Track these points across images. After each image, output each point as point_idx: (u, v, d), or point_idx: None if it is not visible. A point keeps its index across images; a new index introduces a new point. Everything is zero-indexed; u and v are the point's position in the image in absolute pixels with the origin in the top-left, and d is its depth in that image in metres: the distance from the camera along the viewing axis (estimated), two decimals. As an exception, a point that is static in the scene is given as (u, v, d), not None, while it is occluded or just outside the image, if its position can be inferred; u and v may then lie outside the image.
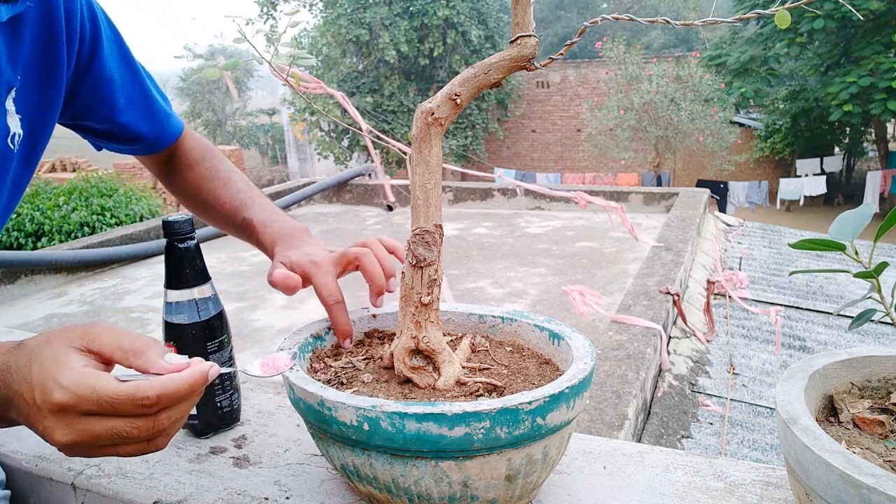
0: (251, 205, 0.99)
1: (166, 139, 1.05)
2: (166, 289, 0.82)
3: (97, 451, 0.57)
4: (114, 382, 0.55)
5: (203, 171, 1.05)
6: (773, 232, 5.61)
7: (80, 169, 12.07)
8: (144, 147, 1.04)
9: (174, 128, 1.06)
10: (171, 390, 0.56)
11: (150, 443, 0.58)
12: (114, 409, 0.55)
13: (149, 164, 1.12)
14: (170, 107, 1.06)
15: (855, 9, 6.61)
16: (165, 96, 1.07)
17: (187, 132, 1.10)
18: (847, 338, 3.35)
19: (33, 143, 0.85)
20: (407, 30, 16.01)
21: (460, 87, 0.69)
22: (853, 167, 17.92)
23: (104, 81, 0.92)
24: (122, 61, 0.96)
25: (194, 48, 23.63)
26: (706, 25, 0.64)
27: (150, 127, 1.01)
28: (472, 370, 0.74)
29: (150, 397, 0.55)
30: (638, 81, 13.81)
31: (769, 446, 2.36)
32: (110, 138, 1.00)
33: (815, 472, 0.53)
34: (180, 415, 0.58)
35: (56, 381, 0.55)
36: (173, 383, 0.56)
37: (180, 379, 0.57)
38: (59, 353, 0.57)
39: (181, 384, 0.56)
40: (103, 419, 0.55)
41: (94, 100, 0.93)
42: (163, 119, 1.03)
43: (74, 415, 0.55)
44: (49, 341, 0.58)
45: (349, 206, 6.73)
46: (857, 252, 0.61)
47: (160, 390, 0.55)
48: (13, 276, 4.21)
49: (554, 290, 3.83)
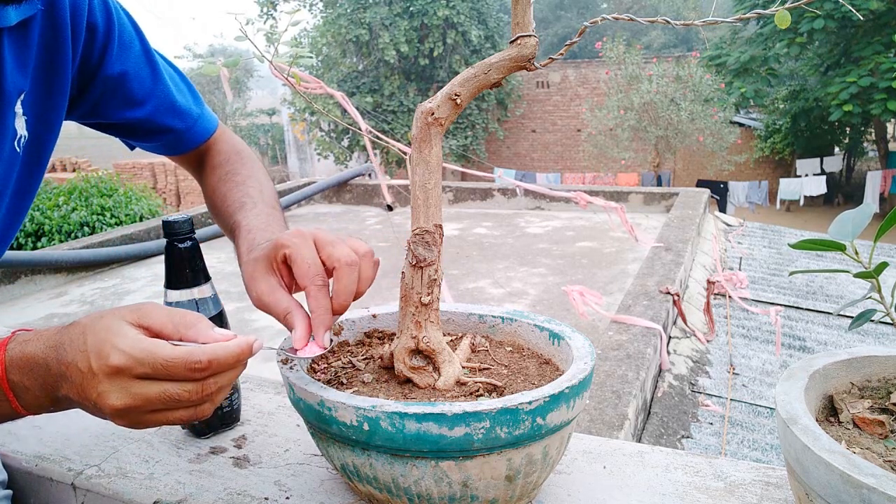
0: (250, 209, 0.88)
1: (192, 138, 1.01)
2: (166, 289, 0.82)
3: (148, 417, 0.60)
4: (168, 346, 0.58)
5: (222, 174, 1.00)
6: (773, 232, 5.61)
7: (80, 169, 12.07)
8: (167, 146, 1.01)
9: (201, 128, 1.02)
10: (220, 356, 0.59)
11: (197, 408, 0.61)
12: (168, 373, 0.57)
13: (184, 165, 1.08)
14: (200, 106, 1.03)
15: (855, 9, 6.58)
16: (197, 96, 1.03)
17: (222, 135, 1.06)
18: (847, 338, 3.35)
19: (38, 145, 0.84)
20: (407, 30, 16.01)
21: (460, 87, 0.69)
22: (853, 167, 17.92)
23: (117, 77, 0.91)
24: (140, 56, 0.94)
25: (194, 48, 23.67)
26: (706, 25, 0.64)
27: (172, 124, 0.98)
28: (472, 370, 0.74)
29: (202, 361, 0.58)
30: (638, 81, 13.81)
31: (769, 446, 2.36)
32: (129, 134, 0.99)
33: (815, 472, 0.53)
34: (226, 381, 0.61)
35: (113, 346, 0.57)
36: (223, 350, 0.59)
37: (229, 346, 0.59)
38: (114, 323, 0.60)
39: (230, 351, 0.59)
40: (157, 383, 0.58)
41: (105, 95, 0.91)
42: (187, 117, 0.99)
43: (130, 377, 0.57)
44: (102, 316, 0.61)
45: (349, 206, 6.73)
46: (857, 252, 0.61)
47: (211, 355, 0.58)
48: (13, 276, 4.21)
49: (554, 290, 3.83)
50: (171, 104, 0.98)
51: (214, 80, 23.51)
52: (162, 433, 0.88)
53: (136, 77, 0.93)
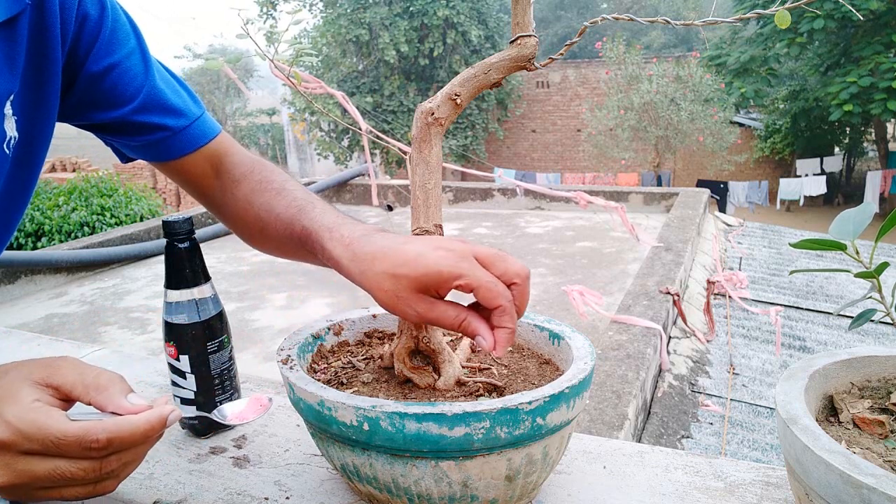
0: (311, 210, 0.77)
1: (188, 140, 0.94)
2: (166, 289, 0.82)
3: (37, 493, 0.53)
4: (62, 421, 0.52)
5: (253, 184, 0.88)
6: (773, 232, 5.61)
7: (80, 169, 12.06)
8: (161, 148, 0.94)
9: (200, 130, 0.94)
10: (124, 433, 0.53)
11: (96, 485, 0.55)
12: (59, 450, 0.51)
13: (183, 178, 0.96)
14: (200, 108, 0.96)
15: (855, 9, 6.57)
16: (198, 100, 0.96)
17: (233, 146, 0.96)
18: (847, 338, 3.35)
19: (29, 144, 0.80)
20: (407, 30, 16.02)
21: (460, 87, 0.69)
22: (853, 167, 17.92)
23: (105, 70, 0.86)
24: (134, 52, 0.90)
25: (194, 48, 23.66)
26: (706, 25, 0.64)
27: (164, 122, 0.91)
28: (472, 370, 0.74)
29: (99, 440, 0.52)
30: (638, 81, 13.81)
31: (769, 446, 2.36)
32: (116, 132, 0.93)
33: (815, 472, 0.53)
34: (133, 458, 0.55)
35: (0, 415, 0.51)
36: (128, 426, 0.53)
37: (136, 421, 0.53)
38: (12, 385, 0.53)
39: (136, 428, 0.53)
40: (46, 459, 0.52)
41: (92, 90, 0.87)
42: (182, 117, 0.92)
43: (14, 453, 0.51)
44: (5, 372, 0.55)
45: (349, 206, 6.73)
46: (857, 252, 0.61)
47: (111, 433, 0.52)
48: (13, 276, 4.21)
49: (554, 290, 3.83)
50: (164, 101, 0.91)
51: (214, 80, 23.53)
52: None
53: (126, 72, 0.88)
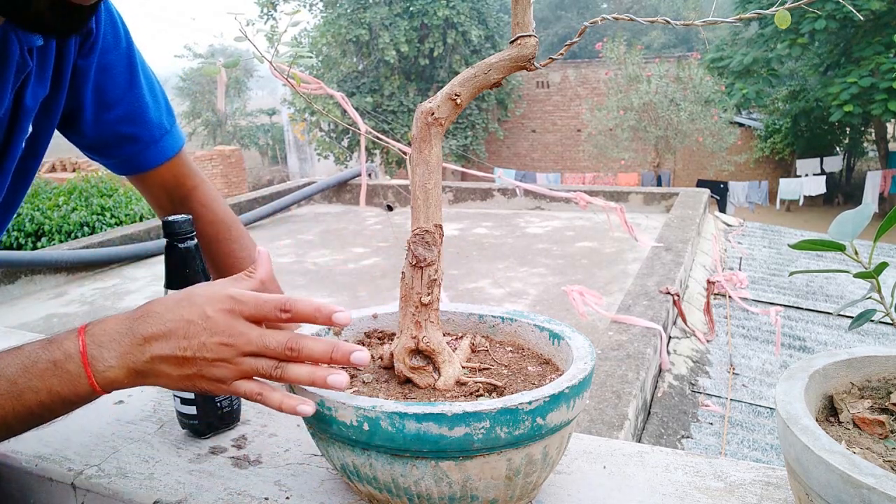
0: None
1: (154, 155, 0.98)
2: (166, 289, 0.82)
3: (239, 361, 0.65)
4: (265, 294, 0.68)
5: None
6: (773, 232, 5.61)
7: (80, 169, 12.05)
8: (127, 160, 0.98)
9: (167, 145, 0.98)
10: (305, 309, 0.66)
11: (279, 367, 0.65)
12: (263, 313, 0.66)
13: (146, 189, 1.04)
14: (171, 121, 1.00)
15: (856, 9, 6.58)
16: (171, 111, 1.00)
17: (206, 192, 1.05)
18: (847, 338, 3.35)
19: (37, 137, 0.87)
20: (407, 30, 16.01)
21: (460, 87, 0.69)
22: (853, 167, 17.91)
23: (95, 74, 0.90)
24: (122, 57, 0.93)
25: (194, 48, 23.64)
26: (706, 26, 0.64)
27: (137, 133, 0.95)
28: (472, 370, 0.74)
29: (289, 305, 0.66)
30: (638, 82, 13.81)
31: (769, 446, 2.36)
32: (98, 142, 0.96)
33: (815, 472, 0.53)
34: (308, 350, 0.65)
35: (227, 292, 0.66)
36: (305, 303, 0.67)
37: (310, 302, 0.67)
38: (224, 282, 0.69)
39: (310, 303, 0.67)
40: (254, 328, 0.65)
41: (81, 92, 0.90)
42: (154, 129, 0.96)
43: (236, 315, 0.65)
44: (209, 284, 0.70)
45: (349, 206, 6.74)
46: (856, 252, 0.61)
47: (298, 306, 0.66)
48: (13, 276, 4.21)
49: (554, 290, 3.83)
50: (142, 113, 0.95)
51: (214, 79, 23.51)
52: (162, 433, 0.88)
53: (111, 78, 0.91)
